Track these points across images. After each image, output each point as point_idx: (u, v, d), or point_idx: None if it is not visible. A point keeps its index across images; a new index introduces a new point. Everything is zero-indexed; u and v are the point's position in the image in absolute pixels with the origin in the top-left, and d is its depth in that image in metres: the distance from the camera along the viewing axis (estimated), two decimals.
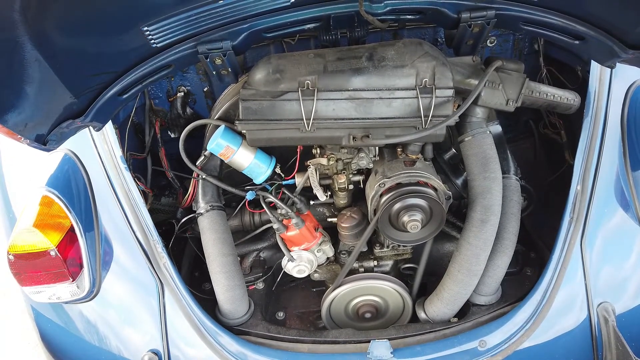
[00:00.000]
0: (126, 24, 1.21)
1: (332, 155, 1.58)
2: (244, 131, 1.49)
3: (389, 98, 1.41)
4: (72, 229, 1.53)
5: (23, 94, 1.13)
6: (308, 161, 1.60)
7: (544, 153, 2.10)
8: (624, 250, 1.58)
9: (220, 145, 1.57)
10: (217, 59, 1.44)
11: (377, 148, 1.58)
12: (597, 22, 1.32)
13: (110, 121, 1.60)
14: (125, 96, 1.49)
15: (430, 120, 1.41)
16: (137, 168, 1.88)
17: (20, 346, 2.61)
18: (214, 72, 1.49)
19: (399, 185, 1.48)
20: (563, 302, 1.53)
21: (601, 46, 1.36)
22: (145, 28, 1.25)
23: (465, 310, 1.62)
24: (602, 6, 1.28)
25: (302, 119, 1.41)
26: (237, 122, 1.45)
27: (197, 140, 1.77)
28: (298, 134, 1.45)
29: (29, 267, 1.49)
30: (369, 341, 1.52)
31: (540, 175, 2.02)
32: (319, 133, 1.45)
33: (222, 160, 1.65)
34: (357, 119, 1.43)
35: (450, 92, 1.40)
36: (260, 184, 1.68)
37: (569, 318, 1.53)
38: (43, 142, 1.27)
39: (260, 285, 1.82)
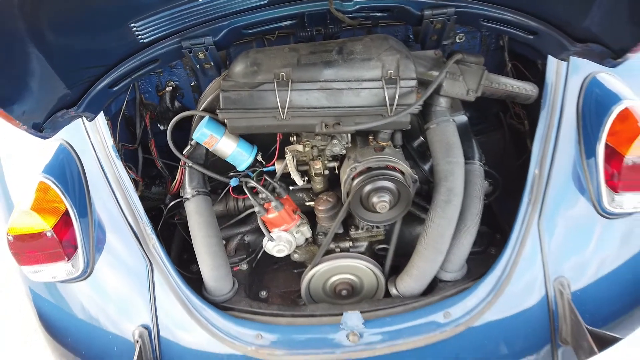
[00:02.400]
0: (115, 20, 1.33)
1: (308, 142, 1.69)
2: (225, 120, 1.60)
3: (357, 88, 1.52)
4: (67, 213, 1.62)
5: (22, 84, 1.25)
6: (286, 148, 1.71)
7: (512, 142, 2.22)
8: (579, 230, 1.68)
9: (205, 134, 1.67)
10: (200, 53, 1.56)
11: (349, 135, 1.69)
12: (547, 18, 1.45)
13: (102, 112, 1.70)
14: (115, 88, 1.60)
15: (395, 108, 1.53)
16: (128, 158, 1.97)
17: (19, 346, 2.63)
18: (198, 66, 1.61)
19: (369, 169, 1.59)
20: (522, 277, 1.62)
21: (552, 40, 1.49)
22: (133, 24, 1.37)
23: (433, 286, 1.72)
24: (550, 3, 1.41)
25: (278, 108, 1.52)
26: (218, 111, 1.57)
27: (185, 132, 1.87)
28: (274, 122, 1.56)
29: (27, 248, 1.59)
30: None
31: (509, 163, 2.14)
32: (294, 121, 1.56)
33: (207, 149, 1.76)
34: (329, 107, 1.54)
35: (413, 83, 1.52)
36: (243, 171, 1.79)
37: (528, 291, 1.62)
38: (40, 129, 1.39)
39: (244, 266, 1.91)
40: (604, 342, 1.47)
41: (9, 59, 1.16)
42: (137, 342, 1.59)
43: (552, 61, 1.72)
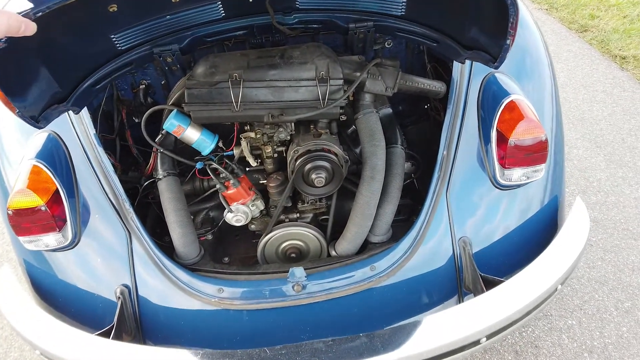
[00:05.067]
0: (99, 33, 1.65)
1: (259, 130, 1.95)
2: (190, 112, 1.91)
3: (297, 86, 1.84)
4: (57, 192, 1.83)
5: (26, 85, 1.54)
6: (241, 135, 2.04)
7: (435, 132, 2.59)
8: (479, 199, 1.96)
9: (173, 124, 1.98)
10: (168, 58, 1.89)
11: (292, 124, 2.00)
12: (443, 30, 1.84)
13: (86, 108, 1.98)
14: (97, 87, 1.89)
15: (327, 102, 1.88)
16: (108, 147, 2.20)
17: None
18: (167, 68, 1.94)
19: (308, 151, 1.85)
20: (433, 237, 1.88)
21: (450, 47, 1.87)
22: (113, 36, 1.70)
23: (365, 247, 1.97)
24: (442, 20, 1.80)
25: (232, 102, 1.80)
26: (183, 104, 1.90)
27: (157, 125, 2.14)
28: (230, 113, 1.85)
29: (24, 220, 1.81)
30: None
31: (433, 148, 2.53)
32: (246, 112, 1.85)
33: (176, 138, 2.05)
34: (274, 101, 1.82)
35: (341, 82, 1.86)
36: (207, 155, 2.03)
37: (438, 248, 1.88)
38: (36, 120, 1.69)
39: (209, 236, 2.20)
40: (492, 284, 1.80)
41: (18, 67, 1.47)
42: (118, 298, 1.77)
43: (456, 63, 2.10)
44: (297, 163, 1.87)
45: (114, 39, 1.69)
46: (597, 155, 3.74)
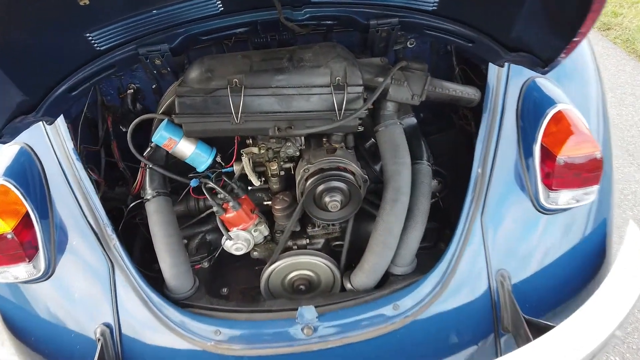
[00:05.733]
0: (69, 31, 1.37)
1: (263, 145, 1.74)
2: (182, 124, 1.64)
3: (308, 94, 1.59)
4: (27, 215, 1.63)
5: None
6: (242, 150, 1.77)
7: (463, 142, 2.32)
8: (518, 225, 1.74)
9: (164, 137, 1.72)
10: (157, 59, 1.61)
11: (303, 138, 1.76)
12: (482, 28, 1.55)
13: (62, 116, 1.72)
14: (74, 93, 1.62)
15: (343, 113, 1.60)
16: (91, 160, 1.99)
17: None
18: (155, 72, 1.66)
19: (321, 170, 1.65)
20: (466, 270, 1.67)
21: (488, 48, 1.58)
22: (88, 34, 1.42)
23: (386, 280, 1.76)
24: (483, 16, 1.51)
25: (232, 113, 1.58)
26: (174, 116, 1.62)
27: (148, 133, 1.89)
28: (229, 126, 1.61)
29: None
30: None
31: (460, 162, 2.24)
32: (248, 125, 1.62)
33: (167, 151, 1.80)
34: (280, 112, 1.60)
35: (360, 89, 1.60)
36: (203, 172, 1.83)
37: (472, 283, 1.68)
38: None
39: (205, 264, 1.96)
40: (540, 330, 1.55)
41: None
42: (98, 340, 1.60)
43: (492, 66, 1.81)
44: (308, 184, 1.65)
45: (90, 38, 1.42)
46: (630, 165, 3.44)
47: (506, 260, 1.72)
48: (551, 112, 1.70)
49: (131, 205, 1.88)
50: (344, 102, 1.58)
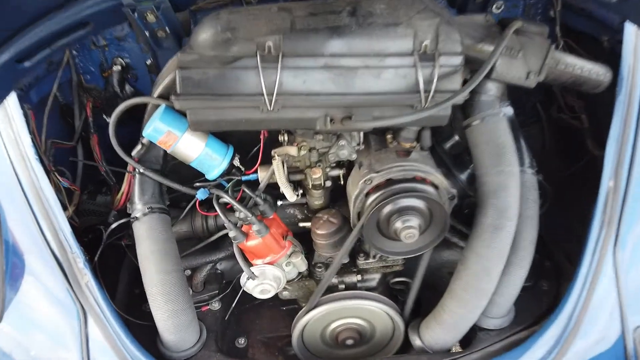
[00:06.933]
0: None
1: (304, 144, 1.33)
2: (187, 110, 1.18)
3: (378, 67, 1.14)
4: None
5: None
6: (273, 151, 1.33)
7: (554, 141, 1.82)
8: None
9: (159, 130, 1.27)
10: (149, 14, 1.15)
11: (361, 134, 1.31)
12: None
13: (15, 99, 1.31)
14: (27, 64, 1.22)
15: (432, 96, 1.11)
16: (64, 159, 1.61)
17: None
18: (147, 33, 1.17)
19: (389, 181, 1.25)
20: (593, 327, 1.28)
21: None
22: None
23: (471, 336, 1.37)
24: None
25: (263, 94, 1.12)
26: (174, 97, 1.13)
27: (139, 127, 1.45)
28: (257, 115, 1.17)
29: None
30: None
31: (551, 167, 1.76)
32: (285, 113, 1.18)
33: (165, 150, 1.35)
34: (336, 94, 1.16)
35: (459, 60, 1.13)
36: (215, 180, 1.42)
37: (600, 346, 1.30)
38: None
39: (216, 305, 1.55)
40: None
41: None
42: None
43: (630, 36, 1.30)
44: (371, 201, 1.24)
45: None
46: None
47: None
48: None
49: (114, 225, 1.46)
50: (434, 80, 1.11)
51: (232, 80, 1.13)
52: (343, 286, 1.49)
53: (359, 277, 1.51)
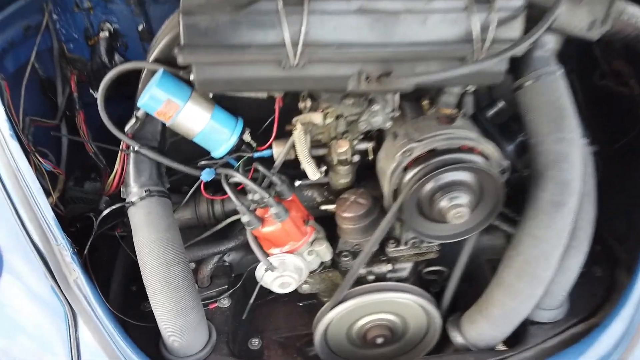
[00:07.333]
0: None
1: (331, 109, 1.14)
2: (192, 67, 1.00)
3: (424, 11, 0.96)
4: None
5: None
6: (295, 119, 1.15)
7: (596, 112, 1.68)
8: None
9: (157, 98, 1.09)
10: None
11: (397, 97, 1.13)
12: None
13: None
14: None
15: (490, 46, 0.94)
16: (46, 141, 1.45)
17: None
18: None
19: (432, 152, 1.08)
20: None
21: None
22: None
23: (519, 332, 1.21)
24: None
25: (285, 46, 0.94)
26: (177, 50, 0.94)
27: (131, 101, 1.27)
28: (277, 72, 0.99)
29: None
30: None
31: (594, 140, 1.62)
32: (312, 70, 1.00)
33: (164, 125, 1.19)
34: (374, 45, 0.98)
35: (520, 2, 0.95)
36: (222, 158, 1.24)
37: None
38: None
39: (225, 302, 1.39)
40: None
41: None
42: None
43: None
44: (410, 176, 1.07)
45: None
46: None
47: None
48: None
49: (105, 212, 1.28)
50: (492, 27, 0.95)
51: (247, 28, 0.95)
52: (372, 277, 1.31)
53: (389, 266, 1.34)
